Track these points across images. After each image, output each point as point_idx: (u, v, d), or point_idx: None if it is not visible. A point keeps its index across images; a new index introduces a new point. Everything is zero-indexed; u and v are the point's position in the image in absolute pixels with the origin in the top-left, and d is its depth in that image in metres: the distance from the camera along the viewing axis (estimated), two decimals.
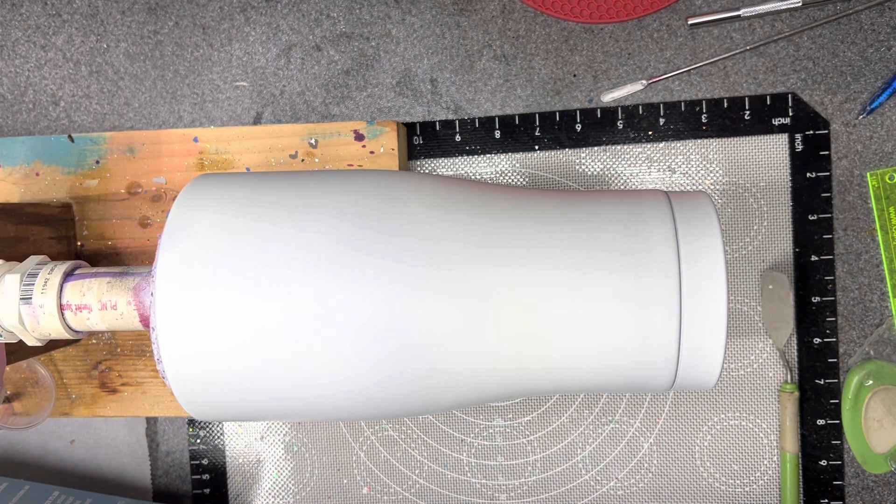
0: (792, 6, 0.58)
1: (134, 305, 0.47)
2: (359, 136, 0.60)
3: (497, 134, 0.62)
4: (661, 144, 0.61)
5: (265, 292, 0.41)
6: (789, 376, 0.60)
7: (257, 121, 0.63)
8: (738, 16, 0.59)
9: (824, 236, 0.59)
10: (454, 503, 0.64)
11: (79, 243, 0.63)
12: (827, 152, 0.59)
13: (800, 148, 0.60)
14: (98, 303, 0.47)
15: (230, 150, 0.61)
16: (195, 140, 0.61)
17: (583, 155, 0.62)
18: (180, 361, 0.42)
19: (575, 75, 0.61)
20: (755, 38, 0.60)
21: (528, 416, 0.63)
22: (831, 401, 0.60)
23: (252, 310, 0.41)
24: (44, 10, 0.64)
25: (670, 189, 0.61)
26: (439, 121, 0.62)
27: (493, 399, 0.46)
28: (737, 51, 0.59)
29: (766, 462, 0.62)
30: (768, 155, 0.60)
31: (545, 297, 0.42)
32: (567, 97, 0.61)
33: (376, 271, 0.41)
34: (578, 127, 0.61)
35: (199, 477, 0.66)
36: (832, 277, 0.60)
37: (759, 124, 0.60)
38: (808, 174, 0.60)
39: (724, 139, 0.60)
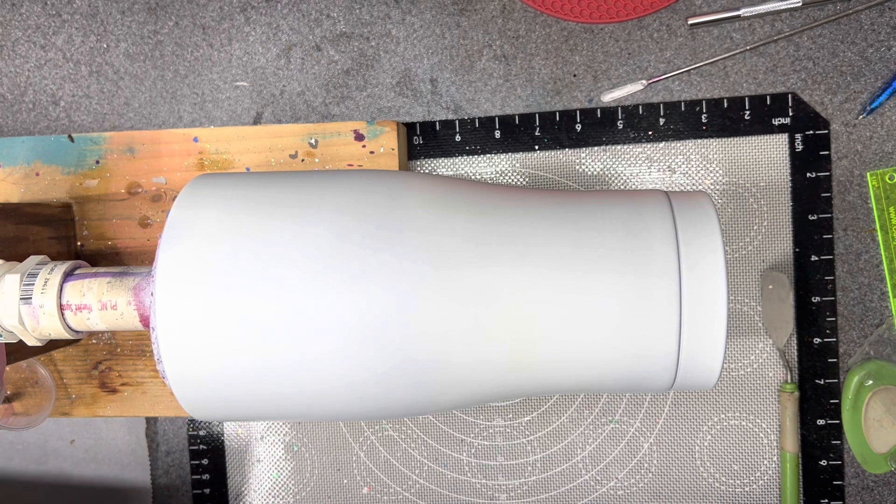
0: (792, 6, 0.58)
1: (134, 305, 0.46)
2: (359, 136, 0.60)
3: (497, 134, 0.62)
4: (661, 144, 0.61)
5: (265, 292, 0.41)
6: (789, 376, 0.60)
7: (257, 121, 0.63)
8: (738, 16, 0.59)
9: (824, 236, 0.59)
10: (454, 503, 0.64)
11: (79, 243, 0.63)
12: (827, 152, 0.59)
13: (800, 148, 0.60)
14: (98, 303, 0.47)
15: (230, 150, 0.61)
16: (195, 140, 0.61)
17: (583, 155, 0.62)
18: (180, 361, 0.42)
19: (575, 75, 0.61)
20: (755, 38, 0.60)
21: (528, 416, 0.63)
22: (831, 401, 0.60)
23: (252, 309, 0.41)
24: (44, 10, 0.64)
25: (670, 189, 0.61)
26: (439, 121, 0.62)
27: (493, 399, 0.46)
28: (737, 51, 0.59)
29: (766, 462, 0.62)
30: (768, 155, 0.60)
31: (544, 297, 0.42)
32: (567, 97, 0.61)
33: (376, 270, 0.41)
34: (578, 127, 0.61)
35: (199, 477, 0.66)
36: (832, 277, 0.59)
37: (759, 124, 0.60)
38: (808, 174, 0.60)
39: (724, 139, 0.60)
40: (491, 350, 0.42)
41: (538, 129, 0.62)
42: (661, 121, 0.61)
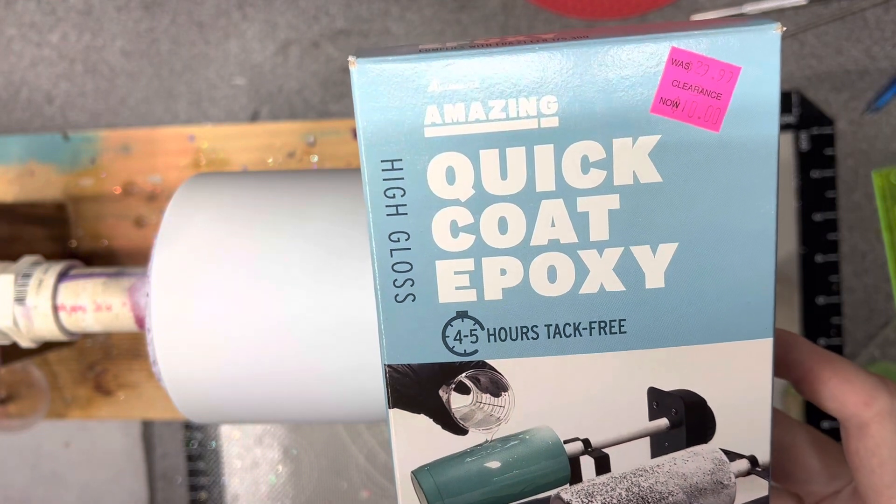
0: (796, 3, 0.58)
1: (129, 306, 0.46)
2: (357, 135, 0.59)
3: None
4: None
5: (262, 292, 0.40)
6: None
7: (254, 119, 0.63)
8: (743, 14, 0.58)
9: (829, 236, 0.59)
10: None
11: (73, 243, 0.62)
12: (832, 151, 0.59)
13: (804, 147, 0.59)
14: (93, 303, 0.46)
15: (227, 148, 0.60)
16: (191, 138, 0.61)
17: None
18: (175, 363, 0.41)
19: None
20: None
21: None
22: None
23: (249, 310, 0.40)
24: (38, 7, 0.64)
25: None
26: None
27: None
28: None
29: None
30: None
31: None
32: None
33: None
34: None
35: (195, 480, 0.65)
36: (837, 278, 0.59)
37: None
38: (813, 173, 0.59)
39: None
40: None
41: None
42: None
